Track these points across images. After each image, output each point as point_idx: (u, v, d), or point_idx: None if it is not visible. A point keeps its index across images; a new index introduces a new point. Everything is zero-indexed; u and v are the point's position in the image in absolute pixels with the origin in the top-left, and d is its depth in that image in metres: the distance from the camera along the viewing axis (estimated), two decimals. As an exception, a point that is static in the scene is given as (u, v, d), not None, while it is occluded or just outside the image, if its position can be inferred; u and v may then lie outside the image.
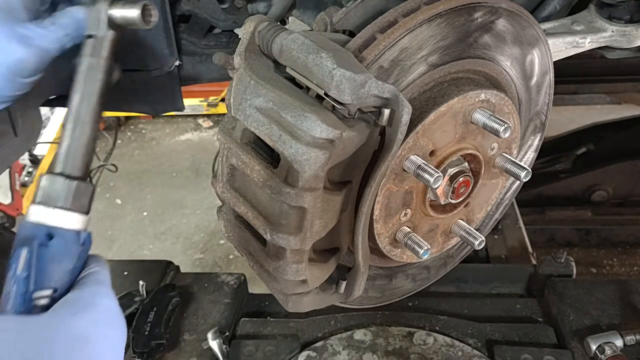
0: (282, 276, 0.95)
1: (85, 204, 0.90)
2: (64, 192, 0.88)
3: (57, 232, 0.87)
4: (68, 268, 0.88)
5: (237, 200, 0.97)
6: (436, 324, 1.89)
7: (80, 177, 0.91)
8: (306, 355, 1.79)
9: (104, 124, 5.56)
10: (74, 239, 0.88)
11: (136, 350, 1.76)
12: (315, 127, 0.81)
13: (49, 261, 0.86)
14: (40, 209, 0.87)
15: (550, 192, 3.60)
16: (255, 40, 0.93)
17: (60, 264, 0.87)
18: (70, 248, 0.88)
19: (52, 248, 0.86)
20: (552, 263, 2.09)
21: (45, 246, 0.86)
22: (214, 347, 1.78)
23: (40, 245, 0.85)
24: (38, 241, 0.85)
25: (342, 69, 0.80)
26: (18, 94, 0.93)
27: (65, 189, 0.88)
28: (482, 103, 1.00)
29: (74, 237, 0.88)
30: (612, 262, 3.64)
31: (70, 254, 0.88)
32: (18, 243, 0.86)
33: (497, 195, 1.18)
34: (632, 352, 1.70)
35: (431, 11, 0.93)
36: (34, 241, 0.85)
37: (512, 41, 1.05)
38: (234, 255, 3.97)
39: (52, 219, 0.87)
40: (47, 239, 0.86)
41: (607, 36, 1.30)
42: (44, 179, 0.89)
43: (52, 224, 0.87)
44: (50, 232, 0.87)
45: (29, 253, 0.85)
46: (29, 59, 0.90)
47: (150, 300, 1.92)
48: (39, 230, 0.86)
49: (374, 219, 1.00)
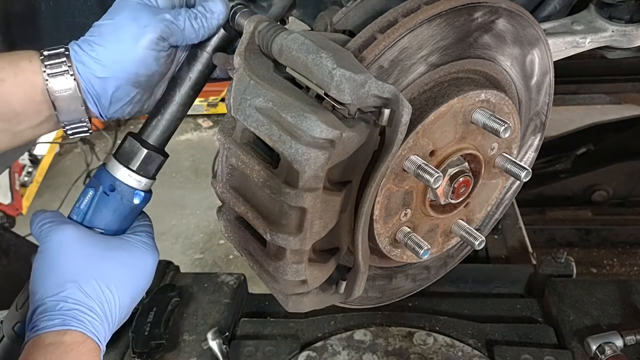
0: (282, 276, 0.95)
1: (151, 170, 1.09)
2: (137, 155, 1.07)
3: (120, 186, 1.07)
4: (119, 216, 1.08)
5: (237, 200, 0.97)
6: (436, 324, 1.89)
7: (156, 147, 1.09)
8: (306, 356, 1.79)
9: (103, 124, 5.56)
10: (130, 196, 1.08)
11: (136, 350, 1.76)
12: (315, 127, 0.81)
13: (105, 207, 1.07)
14: (115, 163, 1.07)
15: (550, 192, 3.60)
16: (255, 40, 0.93)
17: (113, 212, 1.08)
18: (125, 202, 1.08)
19: (110, 198, 1.07)
20: (552, 263, 2.09)
21: (106, 194, 1.07)
22: (214, 347, 1.78)
23: (103, 192, 1.07)
24: (102, 188, 1.07)
25: (342, 68, 0.80)
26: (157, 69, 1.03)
27: (138, 153, 1.07)
28: (482, 103, 1.00)
29: (130, 194, 1.08)
30: (612, 262, 3.64)
31: (124, 206, 1.08)
32: (92, 182, 1.08)
33: (497, 195, 1.18)
34: (632, 352, 1.70)
35: (431, 11, 0.92)
36: (100, 186, 1.07)
37: (512, 41, 1.05)
38: (233, 255, 3.97)
39: (120, 174, 1.07)
40: (110, 189, 1.07)
41: (607, 36, 1.29)
42: (128, 139, 1.08)
43: (118, 177, 1.07)
44: (114, 184, 1.07)
45: (92, 195, 1.07)
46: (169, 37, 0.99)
47: (150, 301, 1.92)
48: (108, 179, 1.07)
49: (374, 219, 1.00)
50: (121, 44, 0.96)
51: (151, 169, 1.09)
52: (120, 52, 0.97)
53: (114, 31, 0.97)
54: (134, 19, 0.96)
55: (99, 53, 0.97)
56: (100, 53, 0.97)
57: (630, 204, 3.61)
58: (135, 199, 1.09)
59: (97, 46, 0.97)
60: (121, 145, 1.09)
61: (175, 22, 0.98)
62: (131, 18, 0.96)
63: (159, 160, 1.10)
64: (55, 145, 5.07)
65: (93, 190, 1.07)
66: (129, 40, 0.96)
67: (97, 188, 1.07)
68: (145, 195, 1.10)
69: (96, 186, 1.07)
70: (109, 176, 1.07)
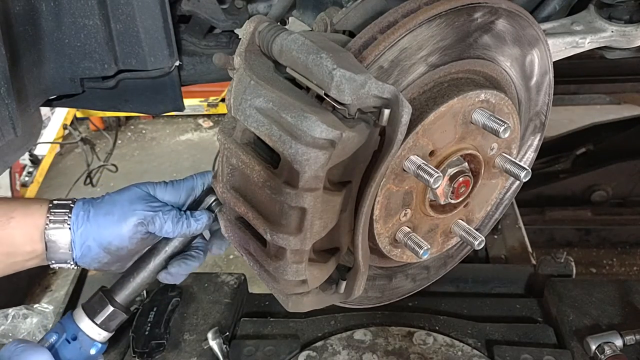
0: (282, 276, 0.95)
1: (112, 325, 1.24)
2: (103, 311, 1.23)
3: (81, 336, 1.22)
4: None
5: (237, 200, 0.97)
6: (436, 323, 1.89)
7: (122, 306, 1.24)
8: (306, 355, 1.79)
9: (104, 124, 5.57)
10: (88, 347, 1.22)
11: (136, 350, 1.76)
12: (315, 128, 0.81)
13: (64, 352, 1.20)
14: (81, 314, 1.23)
15: (550, 192, 3.61)
16: (255, 40, 0.93)
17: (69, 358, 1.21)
18: (82, 351, 1.22)
19: (71, 346, 1.21)
20: (551, 263, 2.09)
21: (68, 342, 1.21)
22: (214, 347, 1.78)
23: (65, 339, 1.21)
24: (66, 336, 1.21)
25: (342, 69, 0.80)
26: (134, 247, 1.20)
27: (104, 309, 1.23)
28: (481, 103, 1.00)
29: (89, 345, 1.22)
30: (612, 262, 3.64)
31: (81, 355, 1.22)
32: (57, 326, 1.23)
33: (497, 195, 1.18)
34: (632, 352, 1.70)
35: (431, 11, 0.93)
36: (64, 333, 1.22)
37: (511, 41, 1.05)
38: (234, 255, 3.97)
39: (83, 324, 1.22)
40: (72, 338, 1.22)
41: (607, 36, 1.30)
42: (99, 295, 1.24)
43: (82, 327, 1.22)
44: (77, 334, 1.22)
45: (55, 340, 1.21)
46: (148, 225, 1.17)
47: (150, 300, 1.92)
48: (72, 328, 1.22)
49: (374, 219, 1.00)
50: (108, 216, 1.15)
51: (113, 324, 1.24)
52: (105, 220, 1.15)
53: (111, 203, 1.17)
54: (130, 201, 1.17)
55: (91, 215, 1.16)
56: (92, 215, 1.16)
57: (630, 204, 3.61)
58: (92, 349, 1.23)
59: (93, 209, 1.17)
60: (91, 298, 1.25)
61: (160, 218, 1.15)
62: (129, 199, 1.17)
63: (122, 318, 1.25)
64: (55, 145, 5.07)
65: (57, 335, 1.21)
66: (115, 214, 1.15)
67: (61, 334, 1.22)
68: (101, 346, 1.25)
69: (60, 332, 1.22)
70: (74, 325, 1.22)
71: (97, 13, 1.28)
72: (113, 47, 1.33)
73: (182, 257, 1.23)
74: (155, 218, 1.15)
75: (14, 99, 1.17)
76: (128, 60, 1.36)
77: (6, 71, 1.14)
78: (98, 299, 1.24)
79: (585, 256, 3.60)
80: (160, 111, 1.60)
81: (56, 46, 1.31)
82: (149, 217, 1.15)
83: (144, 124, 5.80)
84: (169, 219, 1.16)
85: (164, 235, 1.18)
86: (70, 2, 1.26)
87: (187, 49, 1.54)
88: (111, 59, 1.35)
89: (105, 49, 1.33)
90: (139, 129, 5.76)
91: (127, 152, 5.41)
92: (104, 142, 5.33)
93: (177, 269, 1.22)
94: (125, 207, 1.15)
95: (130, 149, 5.45)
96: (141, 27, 1.31)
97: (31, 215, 1.15)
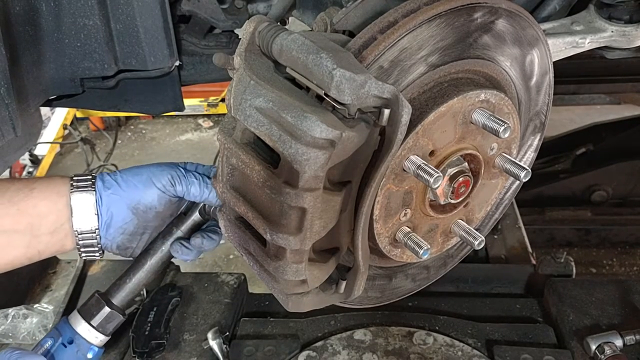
0: (282, 276, 0.95)
1: (109, 328, 1.21)
2: (99, 313, 1.20)
3: (78, 340, 1.19)
4: None
5: (237, 200, 0.97)
6: (436, 323, 1.89)
7: (118, 307, 1.22)
8: (306, 355, 1.79)
9: (104, 124, 5.57)
10: (85, 350, 1.19)
11: (136, 350, 1.76)
12: (315, 128, 0.81)
13: (62, 357, 1.17)
14: (77, 317, 1.20)
15: (550, 192, 3.61)
16: (255, 40, 0.93)
17: None
18: (79, 355, 1.19)
19: (67, 350, 1.18)
20: (551, 263, 2.09)
21: (64, 346, 1.18)
22: (214, 347, 1.78)
23: (61, 343, 1.18)
24: (62, 340, 1.18)
25: (342, 69, 0.80)
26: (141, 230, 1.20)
27: (101, 311, 1.20)
28: (481, 103, 1.00)
29: (86, 349, 1.19)
30: (612, 262, 3.64)
31: (79, 359, 1.19)
32: (52, 332, 1.20)
33: (497, 195, 1.18)
34: (632, 352, 1.70)
35: (431, 12, 0.93)
36: (59, 338, 1.18)
37: (511, 41, 1.05)
38: (234, 255, 3.97)
39: (80, 328, 1.19)
40: (69, 341, 1.18)
41: (607, 36, 1.30)
42: (95, 297, 1.21)
43: (78, 331, 1.19)
44: (73, 338, 1.18)
45: (51, 345, 1.17)
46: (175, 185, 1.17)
47: (150, 300, 1.93)
48: (68, 332, 1.19)
49: (374, 219, 1.00)
50: (137, 176, 1.15)
51: (110, 326, 1.21)
52: (134, 179, 1.15)
53: (138, 167, 1.18)
54: (158, 165, 1.19)
55: (118, 176, 1.15)
56: (119, 176, 1.15)
57: (630, 204, 3.61)
58: (89, 353, 1.20)
59: (120, 173, 1.17)
60: (87, 301, 1.23)
61: (188, 179, 1.16)
62: (157, 164, 1.19)
63: (119, 320, 1.22)
64: (55, 145, 5.07)
65: (52, 340, 1.18)
66: (144, 174, 1.15)
67: (57, 339, 1.18)
68: (98, 350, 1.22)
69: (56, 337, 1.19)
70: (70, 329, 1.19)
71: (97, 13, 1.28)
72: (113, 47, 1.33)
73: (202, 231, 1.23)
74: (182, 179, 1.16)
75: (14, 99, 1.17)
76: (128, 60, 1.36)
77: (6, 71, 1.14)
78: (94, 302, 1.22)
79: (585, 256, 3.61)
80: (160, 111, 1.60)
81: (56, 46, 1.31)
82: (176, 176, 1.16)
83: (144, 123, 5.80)
84: (196, 182, 1.16)
85: (191, 198, 1.17)
86: (70, 2, 1.26)
87: (187, 49, 1.54)
88: (111, 59, 1.35)
89: (105, 49, 1.33)
90: (138, 128, 5.76)
91: (127, 152, 5.41)
92: (104, 142, 5.34)
93: (200, 240, 1.20)
94: (153, 168, 1.17)
95: (130, 149, 5.46)
96: (141, 27, 1.31)
97: (54, 184, 1.13)
